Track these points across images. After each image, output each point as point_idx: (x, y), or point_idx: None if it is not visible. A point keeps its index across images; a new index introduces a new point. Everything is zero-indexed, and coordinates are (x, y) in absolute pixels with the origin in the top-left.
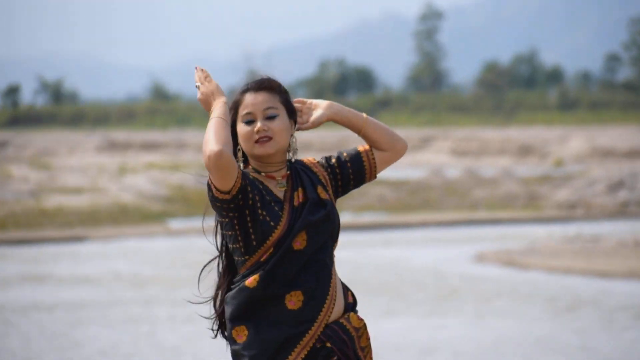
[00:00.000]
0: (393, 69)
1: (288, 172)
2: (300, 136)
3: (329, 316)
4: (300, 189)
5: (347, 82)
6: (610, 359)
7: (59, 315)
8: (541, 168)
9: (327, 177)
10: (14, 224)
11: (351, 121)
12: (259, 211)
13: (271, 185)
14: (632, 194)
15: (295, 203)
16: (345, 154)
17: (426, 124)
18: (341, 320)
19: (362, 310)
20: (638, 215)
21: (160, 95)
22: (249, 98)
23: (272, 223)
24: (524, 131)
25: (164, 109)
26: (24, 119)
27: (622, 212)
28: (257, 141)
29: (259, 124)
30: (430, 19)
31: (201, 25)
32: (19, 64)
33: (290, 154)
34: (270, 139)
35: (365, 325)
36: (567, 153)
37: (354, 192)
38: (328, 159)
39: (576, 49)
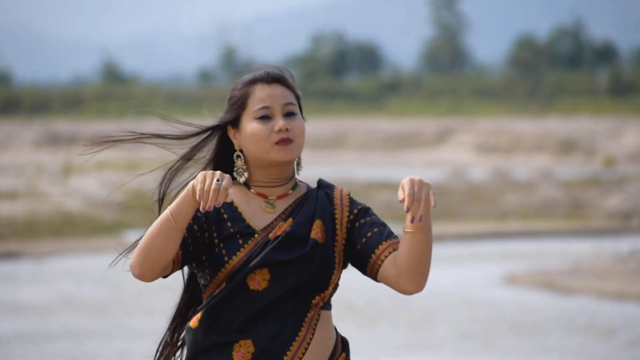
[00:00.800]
0: (404, 45)
1: (289, 193)
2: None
3: None
4: (290, 220)
5: (347, 61)
6: None
7: None
8: (588, 169)
9: (344, 218)
10: None
11: None
12: (215, 246)
13: (253, 206)
14: None
15: (272, 236)
16: (369, 233)
17: (445, 113)
18: None
19: (373, 345)
20: None
21: (113, 77)
22: (262, 90)
23: (226, 257)
24: (566, 122)
25: (118, 94)
26: None
27: None
28: (277, 142)
29: (280, 122)
30: None
31: None
32: None
33: (296, 169)
34: (291, 141)
35: None
36: (620, 150)
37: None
38: (360, 210)
39: (632, 20)
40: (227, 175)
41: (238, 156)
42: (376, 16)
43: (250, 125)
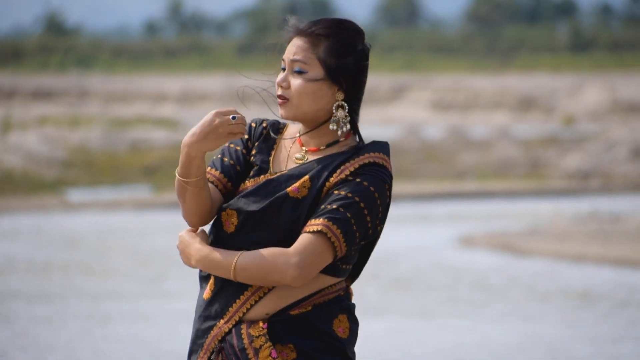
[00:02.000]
0: None
1: (320, 148)
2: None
3: (245, 312)
4: (286, 169)
5: (298, 14)
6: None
7: None
8: (547, 127)
9: (334, 180)
10: None
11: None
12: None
13: (291, 150)
14: None
15: (268, 177)
16: (322, 205)
17: (400, 69)
18: (241, 325)
19: None
20: None
21: (55, 28)
22: (292, 41)
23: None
24: (525, 79)
25: (60, 46)
26: None
27: None
28: (278, 97)
29: (280, 76)
30: None
31: None
32: None
33: (335, 128)
34: (287, 100)
35: (265, 336)
36: (580, 108)
37: None
38: (347, 182)
39: None
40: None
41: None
42: None
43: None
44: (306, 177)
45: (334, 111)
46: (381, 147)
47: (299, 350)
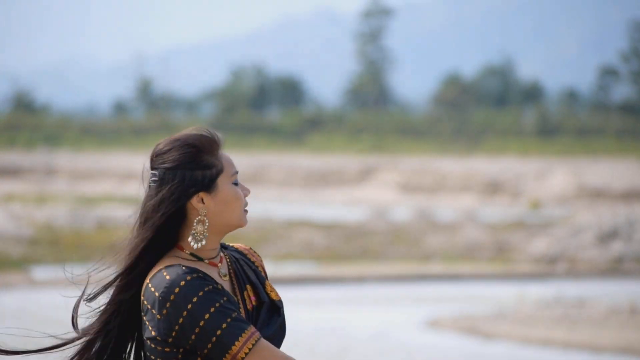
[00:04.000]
0: (326, 80)
1: (223, 256)
2: None
3: None
4: (248, 287)
5: (268, 95)
6: None
7: None
8: (513, 211)
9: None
10: None
11: None
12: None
13: (214, 276)
14: (628, 247)
15: (249, 306)
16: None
17: (368, 151)
18: None
19: None
20: (634, 273)
21: (24, 106)
22: (225, 156)
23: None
24: (493, 163)
25: (28, 124)
26: None
27: (614, 269)
28: (245, 208)
29: (247, 188)
30: (376, 17)
31: (80, 19)
32: None
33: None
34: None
35: None
36: (546, 192)
37: (273, 236)
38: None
39: (560, 60)
40: None
41: (200, 221)
42: (297, 49)
43: (231, 190)
44: (267, 282)
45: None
46: None
47: None
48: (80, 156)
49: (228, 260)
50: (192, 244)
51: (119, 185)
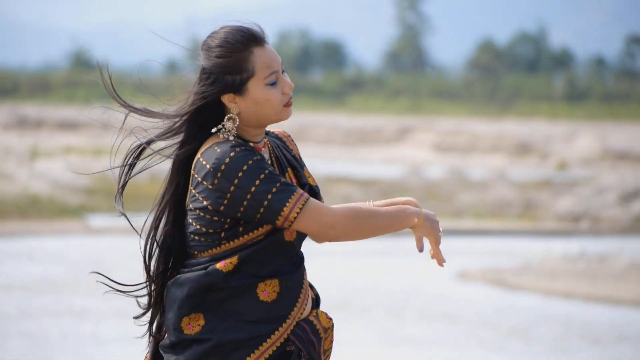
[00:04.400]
0: (367, 43)
1: (267, 142)
2: None
3: (302, 312)
4: (289, 170)
5: (311, 58)
6: None
7: None
8: (541, 171)
9: (299, 155)
10: None
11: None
12: None
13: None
14: None
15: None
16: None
17: (405, 112)
18: (311, 318)
19: (351, 336)
20: None
21: (82, 63)
22: (263, 53)
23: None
24: (523, 125)
25: (86, 81)
26: None
27: (636, 227)
28: (286, 104)
29: (289, 83)
30: None
31: None
32: None
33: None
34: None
35: (333, 325)
36: (573, 154)
37: None
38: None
39: (589, 28)
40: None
41: (231, 118)
42: (340, 14)
43: (263, 91)
44: (305, 168)
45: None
46: None
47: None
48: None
49: (270, 146)
50: (217, 132)
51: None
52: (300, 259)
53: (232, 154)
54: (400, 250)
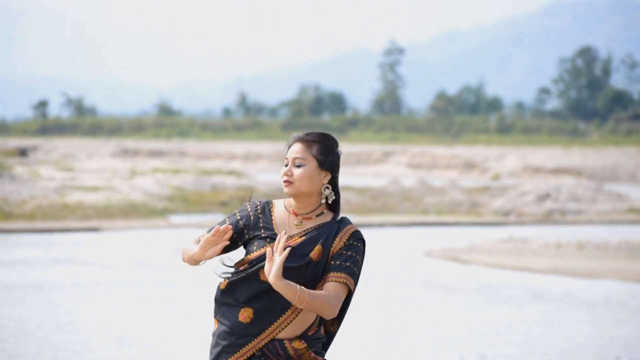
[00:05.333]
0: (361, 94)
1: (312, 217)
2: None
3: (277, 333)
4: (319, 245)
5: (322, 104)
6: (528, 330)
7: (75, 292)
8: (482, 180)
9: (337, 247)
10: (41, 216)
11: (286, 294)
12: (250, 240)
13: (287, 220)
14: (555, 204)
15: (314, 257)
16: (337, 261)
17: (387, 141)
18: (284, 341)
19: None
20: (560, 222)
21: (165, 110)
22: (293, 146)
23: (254, 248)
24: (468, 149)
25: (168, 123)
26: (51, 128)
27: (547, 219)
28: (284, 182)
29: (287, 169)
30: (393, 54)
31: (199, 53)
32: (48, 82)
33: (322, 201)
34: (291, 183)
35: (306, 348)
36: (503, 169)
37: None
38: (350, 246)
39: (513, 82)
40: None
41: None
42: (343, 74)
43: (283, 167)
44: (319, 245)
45: (322, 190)
46: (350, 220)
47: (314, 352)
48: (201, 144)
49: (318, 225)
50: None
51: (226, 162)
52: (282, 300)
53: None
54: (379, 237)
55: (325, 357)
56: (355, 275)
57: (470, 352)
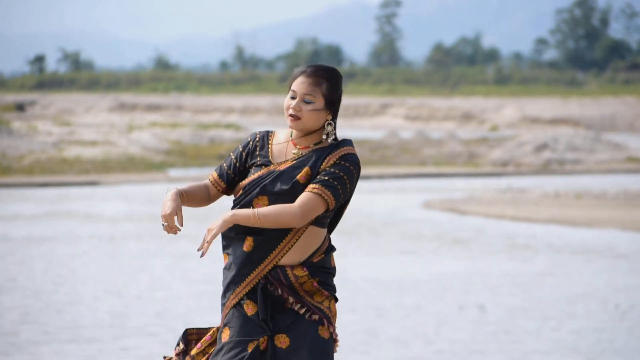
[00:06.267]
0: (358, 47)
1: (310, 146)
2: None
3: (278, 260)
4: (307, 168)
5: (319, 58)
6: (527, 280)
7: (74, 246)
8: (479, 132)
9: (324, 165)
10: (39, 170)
11: (244, 222)
12: (250, 168)
13: (284, 149)
14: (554, 154)
15: (278, 169)
16: (309, 186)
17: (385, 94)
18: (286, 267)
19: (338, 251)
20: (558, 172)
21: (162, 65)
22: (300, 79)
23: (250, 174)
24: (466, 101)
25: (165, 77)
26: (48, 83)
27: (545, 169)
28: (290, 115)
29: (295, 103)
30: (390, 6)
31: (196, 7)
32: (44, 37)
33: (324, 137)
34: (298, 118)
35: (308, 275)
36: (501, 120)
37: None
38: (335, 164)
39: (510, 33)
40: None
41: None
42: (340, 28)
43: (286, 98)
44: (307, 168)
45: (325, 126)
46: (350, 142)
47: (320, 282)
48: (199, 98)
49: (312, 152)
50: None
51: (223, 116)
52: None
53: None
54: (377, 188)
55: (336, 295)
56: (334, 189)
57: (469, 302)
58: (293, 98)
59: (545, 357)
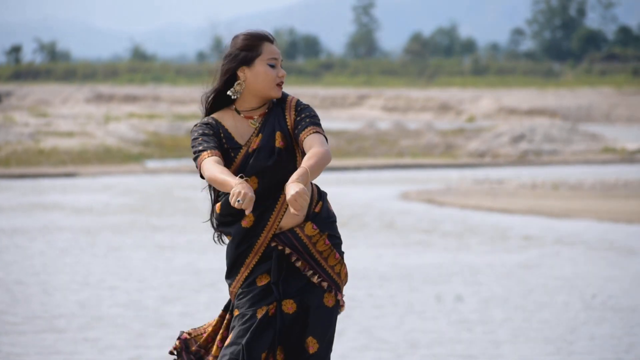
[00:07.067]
0: (335, 38)
1: (266, 111)
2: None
3: (277, 225)
4: (278, 133)
5: (297, 48)
6: (504, 271)
7: (49, 237)
8: (456, 123)
9: (292, 120)
10: (16, 162)
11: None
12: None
13: (241, 126)
14: (530, 145)
15: (250, 149)
16: (301, 123)
17: (362, 85)
18: (295, 229)
19: None
20: (535, 162)
21: (139, 56)
22: (270, 46)
23: (232, 156)
24: (443, 92)
25: (142, 68)
26: (24, 74)
27: (522, 160)
28: (278, 84)
29: (282, 71)
30: None
31: None
32: (20, 27)
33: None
34: (282, 84)
35: (319, 233)
36: (478, 111)
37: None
38: (301, 110)
39: (487, 24)
40: (250, 196)
41: (239, 84)
42: (317, 18)
43: (264, 68)
44: (277, 132)
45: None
46: (287, 92)
47: (329, 236)
48: (176, 89)
49: (265, 116)
50: (230, 95)
51: (200, 107)
52: (275, 191)
53: (196, 124)
54: (355, 179)
55: (343, 250)
56: (321, 126)
57: (447, 293)
58: (272, 66)
59: (517, 347)
